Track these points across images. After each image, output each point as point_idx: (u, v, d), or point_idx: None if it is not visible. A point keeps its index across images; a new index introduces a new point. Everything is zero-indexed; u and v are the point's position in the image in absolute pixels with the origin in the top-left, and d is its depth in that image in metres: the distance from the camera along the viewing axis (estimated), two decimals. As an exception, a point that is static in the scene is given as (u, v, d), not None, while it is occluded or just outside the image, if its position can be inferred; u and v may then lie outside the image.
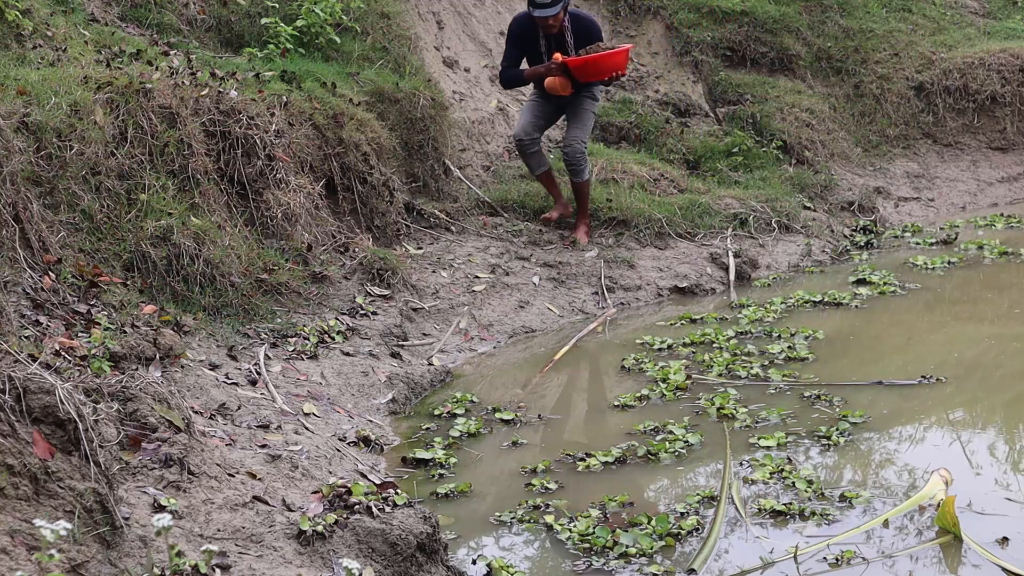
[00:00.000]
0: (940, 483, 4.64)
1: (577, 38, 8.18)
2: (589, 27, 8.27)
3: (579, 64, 7.97)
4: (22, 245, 5.18)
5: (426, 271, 7.60)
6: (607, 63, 8.01)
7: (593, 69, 8.01)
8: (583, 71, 8.02)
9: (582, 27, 8.23)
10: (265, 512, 3.96)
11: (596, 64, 7.99)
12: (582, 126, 8.38)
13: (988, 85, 11.60)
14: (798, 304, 7.67)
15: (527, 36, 8.19)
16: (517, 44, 8.23)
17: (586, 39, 8.19)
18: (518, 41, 8.23)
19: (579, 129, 8.37)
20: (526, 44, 8.22)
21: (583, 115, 8.40)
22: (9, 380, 3.36)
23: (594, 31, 8.27)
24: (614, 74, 8.05)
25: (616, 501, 4.71)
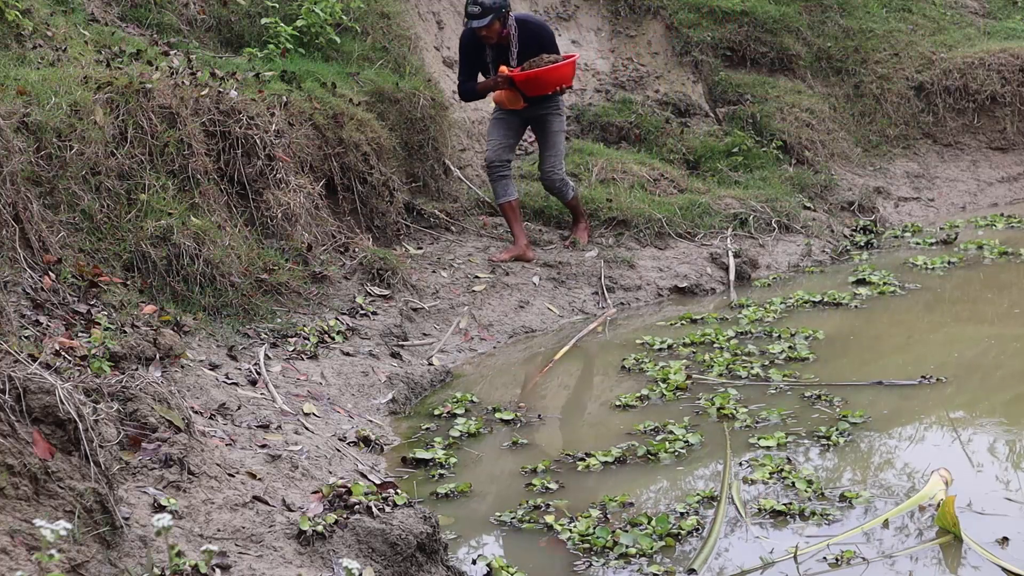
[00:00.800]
0: (940, 483, 4.64)
1: (524, 47, 7.84)
2: (538, 34, 7.91)
3: (522, 79, 7.70)
4: (22, 245, 5.18)
5: (426, 271, 7.60)
6: (550, 77, 7.71)
7: (536, 83, 7.72)
8: (527, 85, 7.75)
9: (530, 35, 7.87)
10: (265, 512, 3.96)
11: (538, 78, 7.69)
12: (555, 152, 8.13)
13: (988, 85, 11.60)
14: (797, 304, 7.68)
15: (474, 48, 7.92)
16: (468, 57, 7.97)
17: (535, 47, 7.85)
18: (468, 53, 7.97)
19: (553, 156, 8.13)
20: (475, 56, 7.96)
21: (553, 138, 8.13)
22: (9, 380, 3.36)
23: (544, 39, 7.91)
24: (558, 88, 7.80)
25: (616, 501, 4.71)
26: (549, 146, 8.12)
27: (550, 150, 8.11)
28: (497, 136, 8.07)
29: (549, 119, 8.08)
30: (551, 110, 8.06)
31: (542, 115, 8.05)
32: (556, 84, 7.75)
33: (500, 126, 8.09)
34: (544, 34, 7.93)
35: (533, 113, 8.05)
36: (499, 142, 8.04)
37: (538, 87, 7.74)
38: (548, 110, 8.05)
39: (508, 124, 8.08)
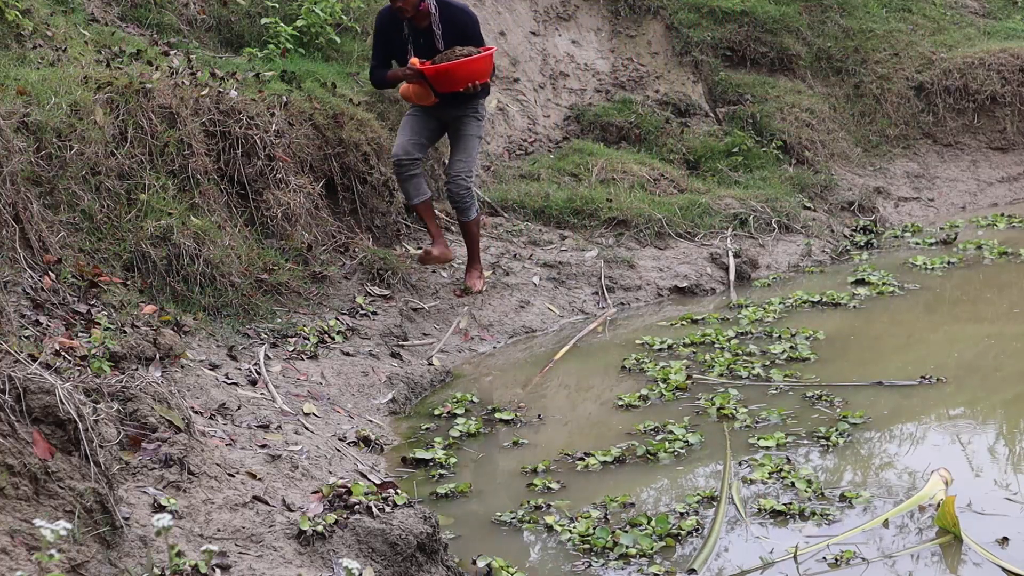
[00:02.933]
0: (940, 483, 4.64)
1: (446, 33, 7.06)
2: (461, 22, 7.12)
3: (431, 73, 6.90)
4: (22, 245, 5.18)
5: (426, 271, 7.60)
6: (462, 72, 6.89)
7: (447, 78, 6.92)
8: (437, 80, 6.94)
9: (452, 21, 7.08)
10: (265, 512, 3.96)
11: (449, 73, 6.89)
12: (466, 156, 7.28)
13: (988, 85, 11.60)
14: (797, 304, 7.68)
15: (390, 27, 7.15)
16: (381, 39, 7.22)
17: (456, 36, 7.06)
18: (381, 36, 7.21)
19: (462, 161, 7.27)
20: (389, 38, 7.18)
21: (465, 142, 7.29)
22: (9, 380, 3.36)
23: (468, 27, 7.13)
24: (470, 85, 6.96)
25: (617, 502, 4.71)
26: (460, 149, 7.30)
27: (460, 153, 7.29)
28: (408, 134, 7.26)
29: (466, 121, 7.29)
30: (469, 112, 7.27)
31: (459, 116, 7.27)
32: (469, 80, 6.92)
33: (412, 123, 7.30)
34: (467, 21, 7.15)
35: (450, 115, 7.28)
36: (409, 140, 7.23)
37: (449, 82, 6.93)
38: (466, 112, 7.27)
39: (422, 122, 7.30)
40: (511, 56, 10.69)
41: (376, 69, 7.29)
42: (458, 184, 7.22)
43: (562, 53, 11.09)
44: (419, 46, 7.08)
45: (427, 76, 6.92)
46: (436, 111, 7.25)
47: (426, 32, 7.06)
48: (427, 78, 6.94)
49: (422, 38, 7.08)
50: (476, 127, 7.32)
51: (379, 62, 7.28)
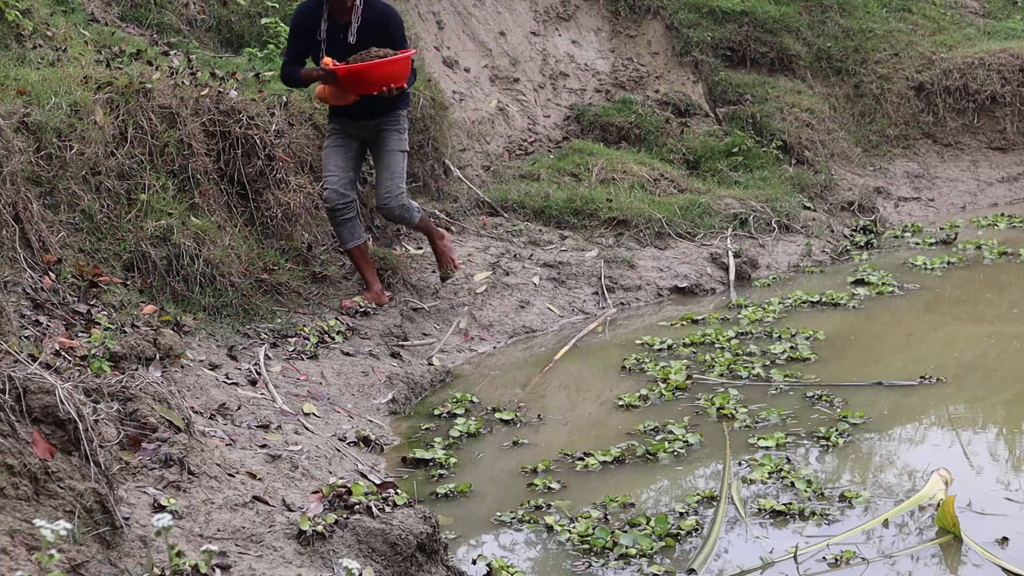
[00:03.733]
0: (940, 483, 4.64)
1: (365, 31, 6.60)
2: (384, 21, 6.65)
3: (344, 73, 6.42)
4: (22, 245, 5.18)
5: (426, 271, 7.60)
6: (376, 75, 6.41)
7: (360, 80, 6.44)
8: (349, 81, 6.46)
9: (375, 18, 6.63)
10: (265, 512, 3.96)
11: (362, 75, 6.41)
12: (391, 174, 6.77)
13: (988, 85, 11.60)
14: (796, 304, 7.68)
15: (309, 23, 6.68)
16: (298, 34, 6.73)
17: (377, 35, 6.60)
18: (298, 30, 6.72)
19: (390, 180, 6.76)
20: (308, 34, 6.70)
21: (389, 158, 6.78)
22: (9, 380, 3.36)
23: (390, 27, 6.65)
24: (385, 88, 6.45)
25: (617, 502, 4.71)
26: (385, 167, 6.79)
27: (386, 171, 6.78)
28: (334, 170, 6.77)
29: (386, 135, 6.77)
30: (390, 126, 6.77)
31: (380, 131, 6.77)
32: (384, 83, 6.43)
33: (336, 156, 6.79)
34: (391, 20, 6.67)
35: (369, 130, 6.79)
36: (338, 178, 6.75)
37: (362, 85, 6.47)
38: (386, 125, 6.77)
39: (345, 152, 6.80)
40: (511, 56, 10.69)
41: (288, 65, 6.76)
42: (389, 206, 6.79)
43: (562, 53, 11.10)
44: (335, 43, 6.62)
45: (339, 77, 6.45)
46: (355, 128, 6.76)
47: (344, 28, 6.62)
48: (339, 79, 6.47)
49: (340, 34, 6.63)
50: (398, 140, 6.79)
51: (292, 58, 6.76)
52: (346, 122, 6.78)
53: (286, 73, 6.79)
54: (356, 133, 6.81)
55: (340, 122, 6.81)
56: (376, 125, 6.76)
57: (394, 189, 6.76)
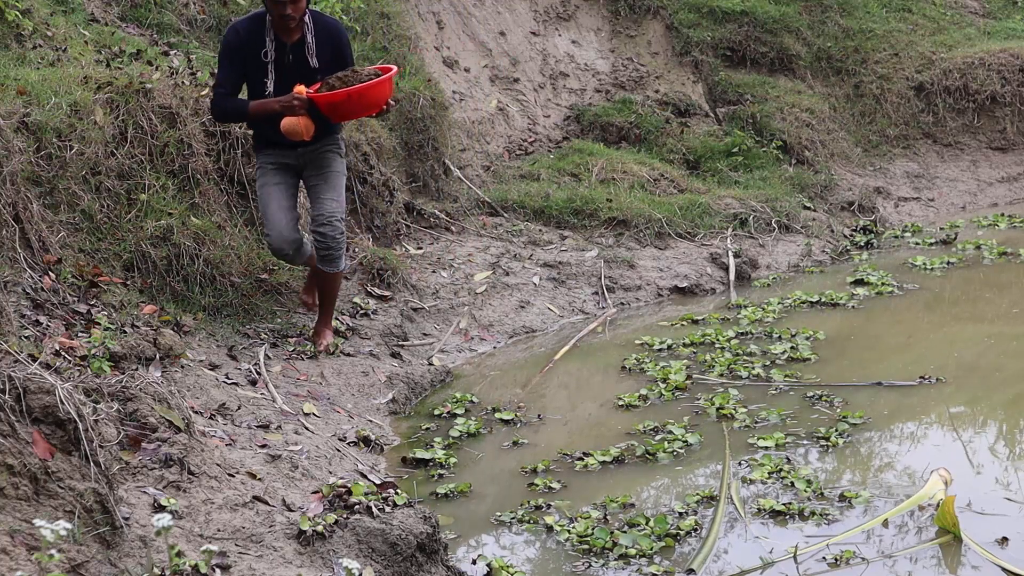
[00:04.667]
0: (940, 483, 4.64)
1: (320, 49, 5.81)
2: (337, 40, 5.88)
3: (338, 100, 5.58)
4: (22, 245, 5.19)
5: (426, 271, 7.61)
6: (374, 95, 5.64)
7: (356, 104, 5.65)
8: (341, 108, 5.65)
9: (328, 35, 5.84)
10: (265, 512, 3.96)
11: (362, 97, 5.60)
12: (336, 194, 5.94)
13: (988, 85, 11.60)
14: (796, 304, 7.68)
15: (249, 46, 5.75)
16: (235, 60, 5.74)
17: (333, 54, 5.84)
18: (236, 56, 5.74)
19: (334, 200, 5.91)
20: (247, 59, 5.75)
21: (333, 178, 5.95)
22: (9, 380, 3.36)
23: (345, 46, 5.92)
24: (385, 107, 5.78)
25: (617, 502, 4.71)
26: (328, 187, 5.94)
27: (330, 192, 5.93)
28: (277, 212, 5.89)
29: (328, 157, 5.97)
30: (329, 148, 5.98)
31: (321, 154, 5.96)
32: (380, 104, 5.73)
33: (279, 196, 5.93)
34: (344, 38, 5.95)
35: (306, 157, 5.95)
36: (285, 220, 5.90)
37: (356, 110, 5.76)
38: (328, 147, 5.97)
39: (286, 190, 5.97)
40: (511, 56, 10.69)
41: (227, 98, 5.77)
42: (333, 227, 5.87)
43: (562, 53, 11.10)
44: (284, 66, 5.76)
45: (321, 106, 5.61)
46: (294, 157, 5.93)
47: (296, 49, 5.77)
48: (320, 108, 5.63)
49: (290, 55, 5.76)
50: (340, 163, 6.02)
51: (231, 86, 5.78)
52: (284, 152, 5.91)
53: (225, 107, 5.79)
54: (294, 162, 5.95)
55: (276, 153, 5.91)
56: (316, 149, 5.93)
57: (338, 210, 5.91)
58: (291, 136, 5.65)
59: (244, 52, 5.74)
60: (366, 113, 5.85)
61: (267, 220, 5.91)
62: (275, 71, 5.75)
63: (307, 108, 5.62)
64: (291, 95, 5.61)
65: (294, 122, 5.63)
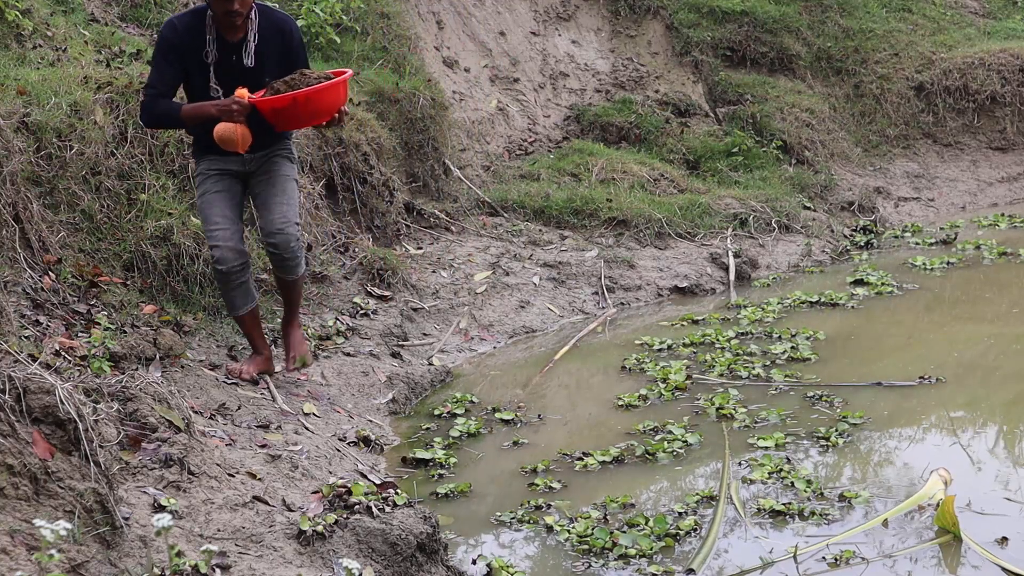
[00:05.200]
0: (939, 483, 4.64)
1: (264, 49, 5.22)
2: (287, 39, 5.28)
3: (282, 105, 4.96)
4: (22, 245, 5.19)
5: (426, 271, 7.61)
6: (323, 100, 5.02)
7: (303, 111, 5.01)
8: (285, 115, 5.03)
9: (273, 34, 5.25)
10: (265, 512, 3.97)
11: (309, 103, 4.97)
12: (287, 199, 5.35)
13: (988, 85, 11.60)
14: (795, 305, 7.68)
15: (189, 44, 5.15)
16: (171, 59, 5.16)
17: (278, 53, 5.25)
18: (172, 54, 5.15)
19: (285, 204, 5.33)
20: (187, 60, 5.17)
21: (283, 183, 5.38)
22: (9, 380, 3.36)
23: (295, 44, 5.31)
24: (337, 115, 5.16)
25: (617, 502, 4.71)
26: (279, 192, 5.35)
27: (280, 196, 5.34)
28: (223, 222, 5.28)
29: (278, 162, 5.40)
30: (280, 152, 5.41)
31: (271, 159, 5.39)
32: (333, 110, 5.12)
33: (222, 204, 5.32)
34: (294, 34, 5.34)
35: (256, 163, 5.38)
36: (230, 230, 5.29)
37: (306, 116, 5.12)
38: (277, 152, 5.40)
39: (231, 198, 5.37)
40: (511, 56, 10.69)
41: (158, 99, 5.18)
42: (287, 234, 5.29)
43: (562, 53, 11.10)
44: (229, 69, 5.20)
45: (266, 112, 5.02)
46: (239, 163, 5.35)
47: (238, 48, 5.19)
48: (265, 114, 5.04)
49: (233, 55, 5.19)
50: (291, 168, 5.46)
51: (165, 87, 5.20)
52: (227, 158, 5.31)
53: (156, 110, 5.18)
54: (240, 169, 5.38)
55: (218, 160, 5.33)
56: (265, 155, 5.38)
57: (291, 215, 5.33)
58: (225, 146, 5.05)
59: (182, 51, 5.14)
60: (315, 121, 5.20)
61: (210, 231, 5.28)
62: (218, 74, 5.18)
63: (248, 115, 5.03)
64: (230, 99, 5.04)
65: (229, 129, 5.01)
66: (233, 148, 5.07)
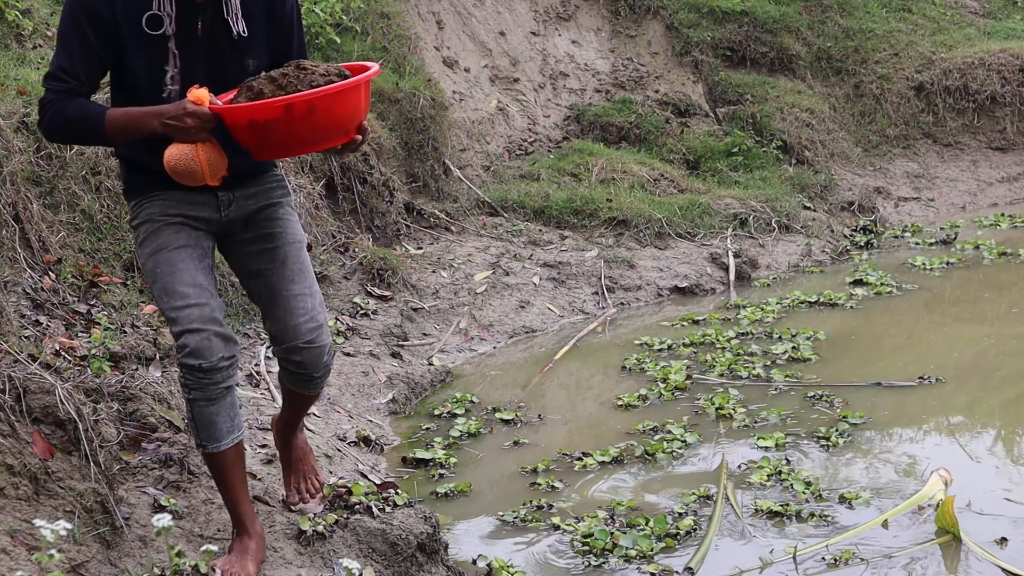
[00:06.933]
0: (939, 483, 4.64)
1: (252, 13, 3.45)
2: None
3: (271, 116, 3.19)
4: (22, 245, 5.19)
5: (426, 271, 7.61)
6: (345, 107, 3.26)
7: (309, 124, 3.22)
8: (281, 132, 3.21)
9: None
10: (265, 512, 3.97)
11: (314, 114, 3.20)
12: (310, 285, 3.61)
13: (988, 85, 11.60)
14: (794, 305, 7.67)
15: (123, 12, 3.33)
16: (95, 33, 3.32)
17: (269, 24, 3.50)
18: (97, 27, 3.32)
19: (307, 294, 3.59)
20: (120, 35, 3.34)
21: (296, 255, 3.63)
22: (9, 380, 3.36)
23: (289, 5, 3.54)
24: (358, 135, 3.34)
25: (624, 505, 4.71)
26: (294, 272, 3.59)
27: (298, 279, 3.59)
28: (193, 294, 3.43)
29: (278, 214, 3.65)
30: (275, 195, 3.66)
31: (262, 208, 3.61)
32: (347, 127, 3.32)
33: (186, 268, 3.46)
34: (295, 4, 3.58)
35: (236, 213, 3.57)
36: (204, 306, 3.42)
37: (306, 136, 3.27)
38: (269, 188, 3.65)
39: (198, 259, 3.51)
40: (511, 56, 10.69)
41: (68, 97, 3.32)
42: (319, 346, 3.60)
43: (562, 53, 11.10)
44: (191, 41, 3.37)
45: (240, 125, 3.21)
46: (210, 209, 3.53)
47: (212, 11, 3.37)
48: (238, 128, 3.23)
49: (199, 19, 3.36)
50: (295, 221, 3.69)
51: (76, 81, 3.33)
52: (192, 198, 3.49)
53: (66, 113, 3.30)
54: (212, 217, 3.54)
55: (175, 199, 3.48)
56: (249, 198, 3.58)
57: (319, 310, 3.60)
58: (182, 179, 3.27)
59: (114, 21, 3.30)
60: (320, 144, 3.35)
61: (175, 308, 3.38)
62: (182, 54, 3.36)
63: (213, 129, 3.24)
64: (179, 104, 3.22)
65: (186, 157, 3.23)
66: (195, 182, 3.28)
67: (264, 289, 3.61)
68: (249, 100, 3.26)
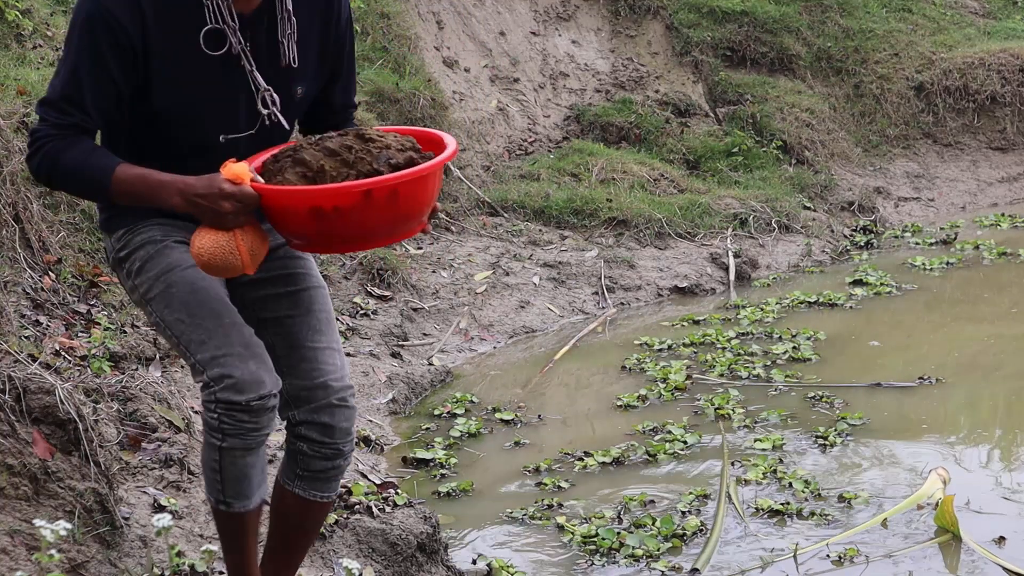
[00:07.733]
0: (938, 482, 4.65)
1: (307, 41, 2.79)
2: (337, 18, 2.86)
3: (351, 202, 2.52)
4: (22, 245, 5.19)
5: (426, 271, 7.61)
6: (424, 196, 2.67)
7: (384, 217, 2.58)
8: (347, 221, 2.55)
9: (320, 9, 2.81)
10: (265, 512, 3.96)
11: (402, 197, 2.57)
12: (336, 339, 3.03)
13: (988, 85, 11.60)
14: (794, 305, 7.67)
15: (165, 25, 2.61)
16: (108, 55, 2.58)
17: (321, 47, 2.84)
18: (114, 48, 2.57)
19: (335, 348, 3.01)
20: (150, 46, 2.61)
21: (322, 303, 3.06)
22: (9, 380, 3.36)
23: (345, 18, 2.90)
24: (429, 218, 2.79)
25: (636, 500, 4.72)
26: (320, 321, 3.01)
27: (325, 329, 3.01)
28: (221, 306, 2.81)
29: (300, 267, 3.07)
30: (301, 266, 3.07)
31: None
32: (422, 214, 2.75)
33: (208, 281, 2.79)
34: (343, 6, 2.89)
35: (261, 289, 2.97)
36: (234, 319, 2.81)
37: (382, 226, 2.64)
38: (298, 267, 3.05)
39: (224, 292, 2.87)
40: (511, 56, 10.69)
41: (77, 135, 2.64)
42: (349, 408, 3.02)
43: (562, 53, 11.10)
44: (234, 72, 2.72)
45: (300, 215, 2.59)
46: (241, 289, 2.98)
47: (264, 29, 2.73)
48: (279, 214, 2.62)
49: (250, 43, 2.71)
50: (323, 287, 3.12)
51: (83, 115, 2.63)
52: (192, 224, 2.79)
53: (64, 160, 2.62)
54: None
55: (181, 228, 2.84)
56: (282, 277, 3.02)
57: (347, 370, 3.05)
58: (216, 273, 2.67)
59: (143, 40, 2.62)
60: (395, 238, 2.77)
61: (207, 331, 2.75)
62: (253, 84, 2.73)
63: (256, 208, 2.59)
64: (214, 181, 2.55)
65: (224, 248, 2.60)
66: (231, 275, 2.71)
67: (281, 340, 2.93)
68: (303, 177, 2.55)
